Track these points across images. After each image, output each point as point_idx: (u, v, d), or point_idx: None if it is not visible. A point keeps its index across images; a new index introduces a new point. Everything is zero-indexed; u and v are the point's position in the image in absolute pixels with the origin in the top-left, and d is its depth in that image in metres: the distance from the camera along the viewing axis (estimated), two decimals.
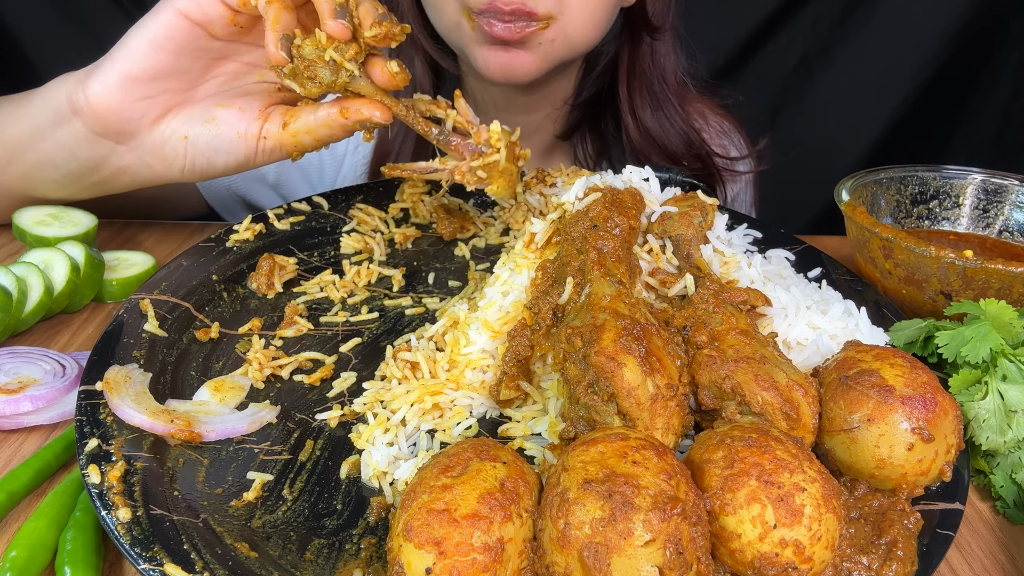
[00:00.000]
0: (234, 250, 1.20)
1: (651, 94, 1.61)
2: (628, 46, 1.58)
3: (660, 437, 0.79)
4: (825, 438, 0.82)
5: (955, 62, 2.47)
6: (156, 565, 0.70)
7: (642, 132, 1.61)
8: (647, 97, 1.61)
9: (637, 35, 1.57)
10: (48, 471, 0.88)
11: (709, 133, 1.73)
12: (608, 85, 1.65)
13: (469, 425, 0.93)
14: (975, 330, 0.94)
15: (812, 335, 0.96)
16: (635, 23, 1.55)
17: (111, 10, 2.41)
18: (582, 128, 1.69)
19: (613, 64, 1.62)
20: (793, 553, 0.66)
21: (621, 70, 1.60)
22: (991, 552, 0.86)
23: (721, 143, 1.76)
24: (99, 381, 0.89)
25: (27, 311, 1.09)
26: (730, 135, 1.79)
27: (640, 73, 1.59)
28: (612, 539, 0.63)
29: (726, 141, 1.78)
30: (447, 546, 0.64)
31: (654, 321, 0.88)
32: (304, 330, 1.09)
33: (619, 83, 1.60)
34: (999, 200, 1.33)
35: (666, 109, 1.62)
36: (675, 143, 1.63)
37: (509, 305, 1.00)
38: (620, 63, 1.60)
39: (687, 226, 1.02)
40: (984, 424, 0.90)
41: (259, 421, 0.92)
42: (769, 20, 2.50)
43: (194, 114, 1.09)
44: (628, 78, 1.60)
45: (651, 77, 1.60)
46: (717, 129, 1.77)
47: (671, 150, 1.62)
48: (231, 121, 1.08)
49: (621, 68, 1.60)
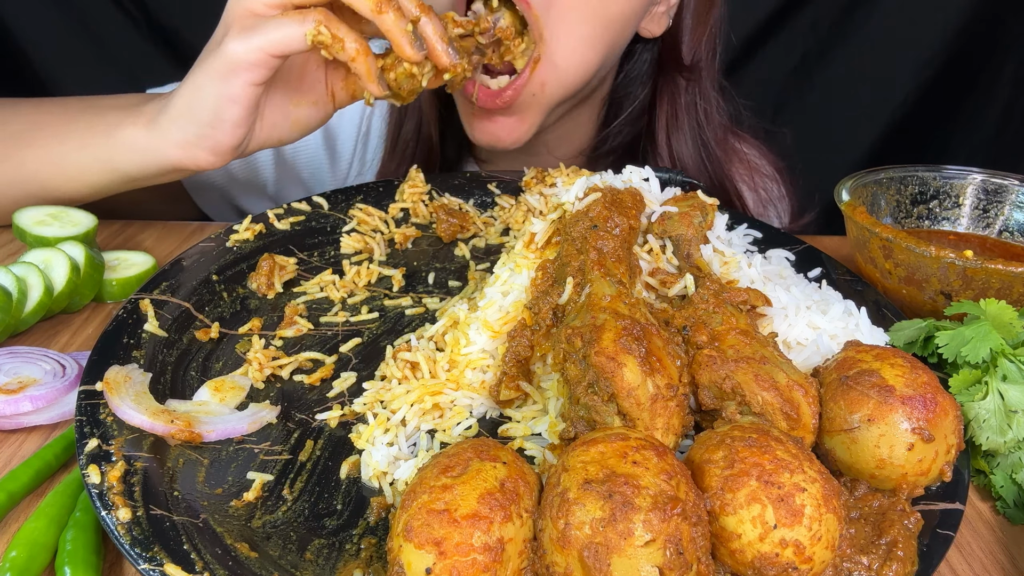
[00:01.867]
0: (234, 250, 1.20)
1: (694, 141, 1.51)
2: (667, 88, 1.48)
3: (660, 437, 0.79)
4: (825, 438, 0.82)
5: (955, 62, 2.47)
6: (156, 565, 0.70)
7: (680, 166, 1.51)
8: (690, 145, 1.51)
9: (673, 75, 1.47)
10: (48, 471, 0.88)
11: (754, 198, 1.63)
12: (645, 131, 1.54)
13: (469, 425, 0.93)
14: (975, 330, 0.94)
15: (812, 335, 0.96)
16: (665, 61, 1.46)
17: (111, 10, 2.41)
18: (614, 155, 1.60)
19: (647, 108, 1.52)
20: (793, 553, 0.66)
21: (659, 115, 1.50)
22: (991, 552, 0.86)
23: (763, 212, 1.66)
24: (99, 381, 0.89)
25: (27, 311, 1.09)
26: (776, 204, 1.68)
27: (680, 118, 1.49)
28: (612, 539, 0.63)
29: (770, 210, 1.68)
30: (447, 546, 0.64)
31: (654, 321, 0.88)
32: (304, 330, 1.09)
33: (657, 129, 1.51)
34: (999, 200, 1.33)
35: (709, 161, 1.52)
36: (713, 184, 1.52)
37: (509, 305, 1.00)
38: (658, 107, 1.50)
39: (687, 226, 1.02)
40: (984, 424, 0.90)
41: (259, 421, 0.92)
42: (769, 20, 2.50)
43: (277, 122, 1.17)
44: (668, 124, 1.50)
45: (694, 122, 1.50)
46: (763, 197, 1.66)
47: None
48: (311, 116, 1.19)
49: (659, 113, 1.50)
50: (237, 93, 1.06)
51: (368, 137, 1.70)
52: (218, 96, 1.07)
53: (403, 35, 1.02)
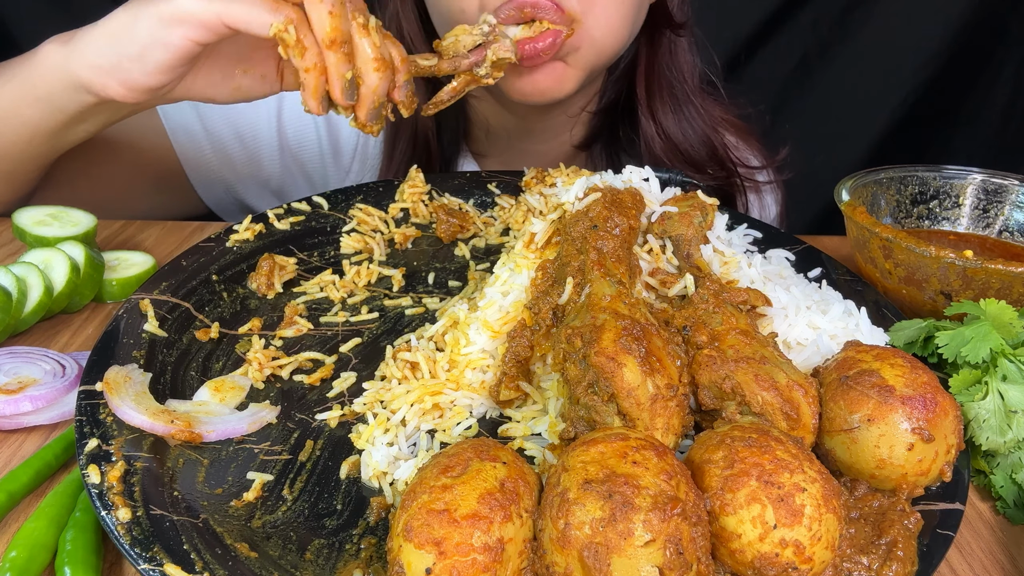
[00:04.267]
0: (234, 250, 1.20)
1: (672, 96, 1.53)
2: (646, 46, 1.51)
3: (660, 437, 0.79)
4: (825, 438, 0.82)
5: (955, 62, 2.47)
6: (156, 565, 0.70)
7: (663, 138, 1.53)
8: (668, 100, 1.53)
9: (657, 33, 1.50)
10: (48, 471, 0.88)
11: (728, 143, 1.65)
12: (626, 90, 1.57)
13: (469, 425, 0.93)
14: (975, 330, 0.94)
15: (812, 335, 0.96)
16: (656, 20, 1.47)
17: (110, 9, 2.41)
18: (602, 137, 1.62)
19: (630, 67, 1.55)
20: (793, 553, 0.66)
21: (639, 72, 1.52)
22: (991, 552, 0.86)
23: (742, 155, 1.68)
24: (99, 381, 0.89)
25: (27, 311, 1.09)
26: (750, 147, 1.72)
27: (660, 74, 1.51)
28: (612, 539, 0.63)
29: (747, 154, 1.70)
30: (447, 546, 0.64)
31: (654, 321, 0.88)
32: (304, 330, 1.09)
33: (637, 85, 1.52)
34: (999, 200, 1.33)
35: (687, 112, 1.54)
36: (697, 149, 1.55)
37: (509, 305, 1.00)
38: (638, 64, 1.52)
39: (687, 226, 1.02)
40: (984, 424, 0.90)
41: (259, 421, 0.92)
42: (769, 20, 2.50)
43: (215, 80, 1.11)
44: (647, 80, 1.52)
45: (671, 78, 1.52)
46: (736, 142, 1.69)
47: (693, 157, 1.55)
48: (255, 86, 1.13)
49: (639, 70, 1.52)
50: (173, 43, 1.01)
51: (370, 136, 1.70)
52: (151, 37, 1.02)
53: (338, 79, 0.99)
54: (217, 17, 0.97)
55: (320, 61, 0.98)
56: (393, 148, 1.60)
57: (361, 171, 1.72)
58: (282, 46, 0.97)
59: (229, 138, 1.62)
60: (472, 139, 1.70)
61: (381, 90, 1.02)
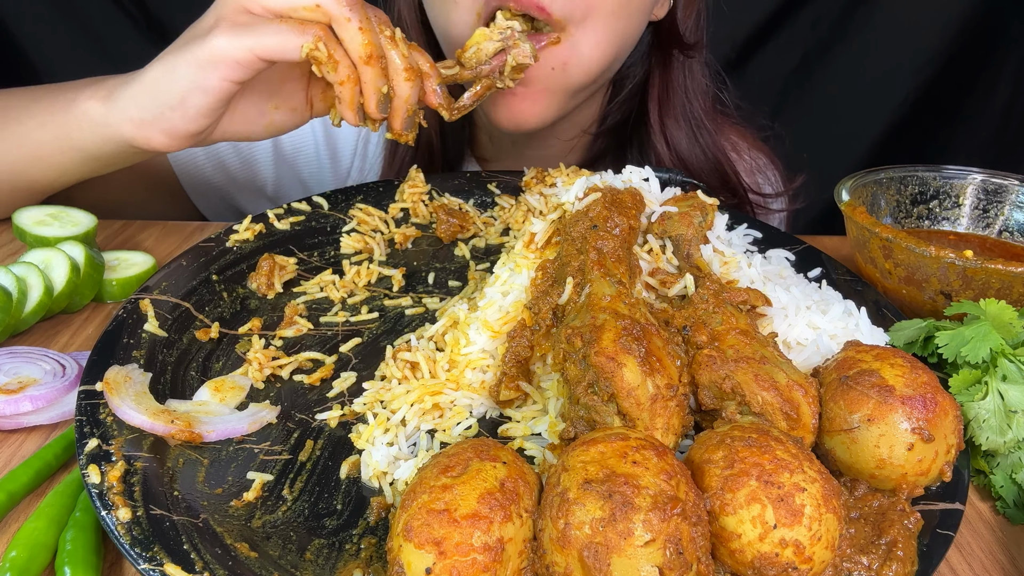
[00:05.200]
0: (234, 250, 1.20)
1: (685, 118, 1.52)
2: (659, 66, 1.50)
3: (660, 437, 0.79)
4: (825, 438, 0.82)
5: (955, 62, 2.47)
6: (156, 565, 0.70)
7: (674, 160, 1.53)
8: (682, 123, 1.52)
9: (668, 54, 1.49)
10: (48, 471, 0.88)
11: (742, 167, 1.65)
12: (636, 110, 1.56)
13: (469, 425, 0.93)
14: (975, 330, 0.94)
15: (812, 335, 0.96)
16: (665, 40, 1.47)
17: (111, 10, 2.41)
18: (607, 157, 1.61)
19: (641, 87, 1.54)
20: (793, 553, 0.66)
21: (652, 93, 1.51)
22: (991, 552, 0.86)
23: (754, 180, 1.68)
24: (99, 381, 0.89)
25: (27, 311, 1.09)
26: (765, 172, 1.71)
27: (673, 95, 1.51)
28: (612, 539, 0.63)
29: (760, 178, 1.70)
30: (447, 546, 0.64)
31: (654, 321, 0.88)
32: (304, 330, 1.09)
33: (650, 106, 1.52)
34: (999, 200, 1.33)
35: (700, 135, 1.53)
36: (708, 173, 1.54)
37: (509, 305, 1.00)
38: (651, 85, 1.51)
39: (687, 226, 1.02)
40: (984, 424, 0.90)
41: (259, 421, 0.92)
42: (769, 20, 2.50)
43: (251, 118, 1.16)
44: (660, 101, 1.51)
45: (684, 99, 1.51)
46: (751, 166, 1.68)
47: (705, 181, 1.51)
48: (286, 121, 1.18)
49: (652, 91, 1.51)
50: (212, 85, 1.04)
51: (369, 138, 1.70)
52: (190, 83, 1.05)
53: (374, 92, 1.03)
54: (251, 52, 1.00)
55: (353, 73, 1.02)
56: (395, 152, 1.60)
57: (360, 176, 1.71)
58: (316, 64, 1.00)
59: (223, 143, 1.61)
60: (476, 144, 1.70)
61: (413, 98, 1.06)
